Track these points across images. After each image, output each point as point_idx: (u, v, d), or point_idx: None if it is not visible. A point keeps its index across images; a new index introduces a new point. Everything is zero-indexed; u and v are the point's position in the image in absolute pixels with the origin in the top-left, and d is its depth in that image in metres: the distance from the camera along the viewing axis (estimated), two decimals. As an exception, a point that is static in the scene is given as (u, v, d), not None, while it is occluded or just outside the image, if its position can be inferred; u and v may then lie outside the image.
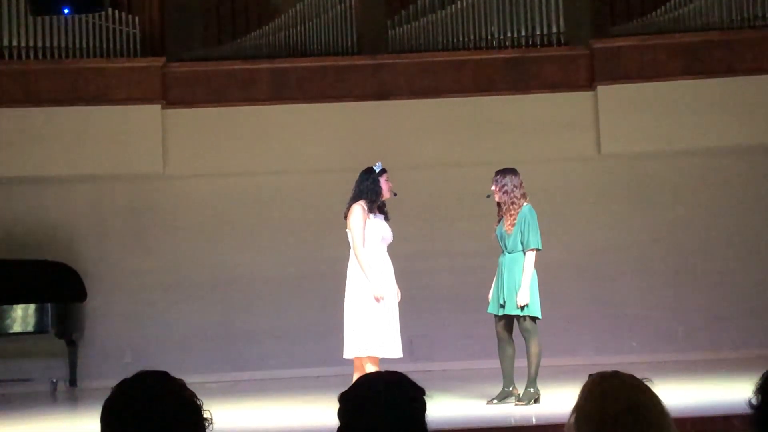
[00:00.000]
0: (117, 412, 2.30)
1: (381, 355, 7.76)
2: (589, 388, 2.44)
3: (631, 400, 2.38)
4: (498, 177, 8.18)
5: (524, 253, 7.99)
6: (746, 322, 12.01)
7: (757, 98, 11.86)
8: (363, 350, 7.72)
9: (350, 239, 7.86)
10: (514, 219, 8.04)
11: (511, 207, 8.07)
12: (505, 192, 8.10)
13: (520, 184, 8.14)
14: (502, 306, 8.02)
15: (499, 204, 8.20)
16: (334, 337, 10.07)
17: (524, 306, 7.91)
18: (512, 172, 8.20)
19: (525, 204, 8.10)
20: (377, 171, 7.96)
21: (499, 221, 8.21)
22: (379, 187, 7.91)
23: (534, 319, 8.00)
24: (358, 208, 7.81)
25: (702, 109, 11.90)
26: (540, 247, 8.02)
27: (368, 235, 7.79)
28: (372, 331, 7.69)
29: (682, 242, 12.28)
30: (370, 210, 7.86)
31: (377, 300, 7.69)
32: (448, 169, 12.19)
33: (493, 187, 8.18)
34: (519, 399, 7.99)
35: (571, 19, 12.39)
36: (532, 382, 7.98)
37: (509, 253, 8.07)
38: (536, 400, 7.97)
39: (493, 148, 11.83)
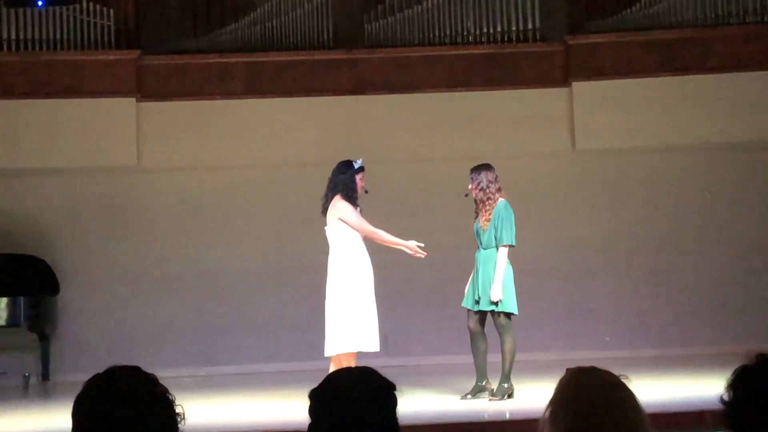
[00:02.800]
0: (88, 407, 2.28)
1: (358, 350, 7.76)
2: (565, 383, 2.44)
3: (607, 396, 2.38)
4: (473, 174, 8.20)
5: (507, 249, 8.01)
6: (719, 318, 12.08)
7: (732, 95, 11.92)
8: (342, 347, 7.72)
9: (332, 235, 7.85)
10: (490, 214, 8.05)
11: (486, 203, 8.09)
12: (481, 189, 8.12)
13: (495, 179, 8.16)
14: (477, 302, 8.04)
15: (476, 200, 8.22)
16: (309, 332, 10.08)
17: (498, 301, 7.93)
18: (487, 167, 8.21)
19: (500, 200, 8.11)
20: (356, 168, 7.95)
21: (476, 217, 8.23)
22: (355, 183, 7.91)
23: (509, 315, 8.03)
24: (342, 203, 7.81)
25: (676, 105, 11.96)
26: (513, 243, 8.03)
27: (351, 229, 7.80)
28: (351, 327, 7.70)
29: (656, 238, 12.33)
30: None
31: (417, 249, 7.90)
32: (424, 164, 12.20)
33: (470, 186, 8.19)
34: (493, 394, 8.01)
35: (546, 16, 12.41)
36: (506, 377, 8.00)
37: (484, 249, 8.08)
38: (510, 395, 8.00)
39: (468, 144, 11.84)
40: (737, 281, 12.19)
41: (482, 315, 8.11)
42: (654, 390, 7.70)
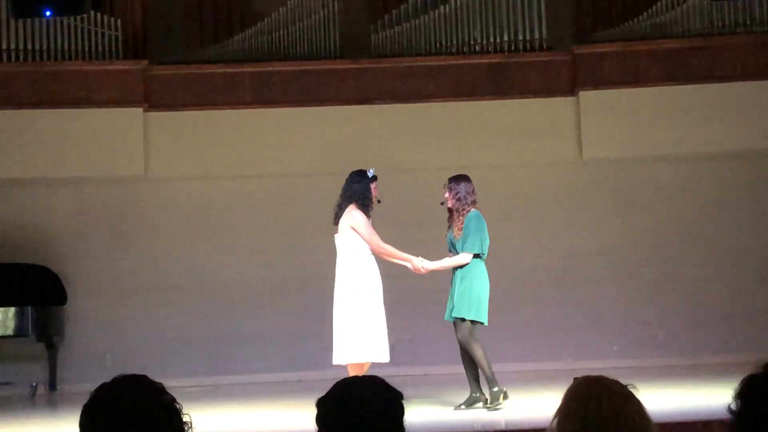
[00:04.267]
0: (95, 416, 2.29)
1: (368, 360, 7.74)
2: (573, 392, 2.44)
3: (615, 406, 2.38)
4: (452, 184, 8.20)
5: (471, 257, 8.00)
6: (726, 327, 12.05)
7: (738, 104, 11.91)
8: (352, 357, 7.70)
9: (342, 243, 7.85)
10: (462, 224, 8.06)
11: (461, 212, 8.10)
12: (458, 199, 8.12)
13: (473, 190, 8.17)
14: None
15: (450, 210, 8.21)
16: (315, 341, 10.08)
17: (466, 308, 7.90)
18: (465, 179, 8.22)
19: (472, 210, 8.11)
20: (369, 177, 7.97)
21: (449, 227, 8.23)
22: (370, 192, 7.92)
23: (475, 324, 7.96)
24: (357, 213, 7.81)
25: (683, 115, 11.95)
26: (479, 252, 8.00)
27: (361, 239, 7.79)
28: (362, 337, 7.68)
29: (663, 247, 12.31)
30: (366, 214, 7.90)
31: (419, 267, 7.95)
32: (430, 174, 12.13)
33: (446, 194, 8.19)
34: (489, 402, 7.90)
35: (553, 25, 12.42)
36: (492, 382, 7.88)
37: None
38: (505, 396, 7.87)
39: (475, 153, 11.84)
40: (744, 290, 12.17)
41: None
42: (661, 399, 7.69)
